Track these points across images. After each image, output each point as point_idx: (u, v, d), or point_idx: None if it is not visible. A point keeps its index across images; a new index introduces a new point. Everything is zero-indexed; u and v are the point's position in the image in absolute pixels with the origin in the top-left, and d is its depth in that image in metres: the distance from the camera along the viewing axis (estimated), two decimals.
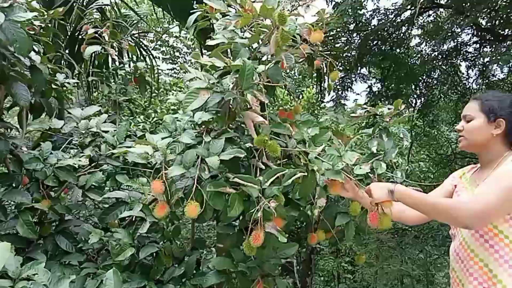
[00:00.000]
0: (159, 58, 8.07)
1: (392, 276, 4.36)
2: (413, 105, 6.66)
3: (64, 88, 2.15)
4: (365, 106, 1.95)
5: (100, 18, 3.94)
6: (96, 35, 2.37)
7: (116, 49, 3.01)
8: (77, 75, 3.37)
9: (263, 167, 1.47)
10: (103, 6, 3.54)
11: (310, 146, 1.55)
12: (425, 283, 4.33)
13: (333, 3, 5.51)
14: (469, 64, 6.24)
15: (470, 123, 1.52)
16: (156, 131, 1.69)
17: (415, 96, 6.53)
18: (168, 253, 1.69)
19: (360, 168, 1.60)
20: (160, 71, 6.47)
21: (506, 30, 5.33)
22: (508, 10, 4.90)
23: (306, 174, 1.43)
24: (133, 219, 1.66)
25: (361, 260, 2.09)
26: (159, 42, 8.15)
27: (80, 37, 4.02)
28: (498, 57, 4.89)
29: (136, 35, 4.77)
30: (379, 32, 5.68)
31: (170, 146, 1.50)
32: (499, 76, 6.18)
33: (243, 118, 1.49)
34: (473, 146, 1.53)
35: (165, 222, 1.66)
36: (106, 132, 1.96)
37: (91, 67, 3.39)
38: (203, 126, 1.59)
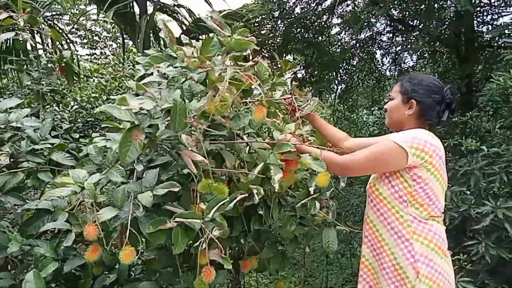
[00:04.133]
0: (76, 42, 7.56)
1: (319, 252, 4.62)
2: (335, 90, 7.00)
3: None
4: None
5: None
6: (12, 19, 2.15)
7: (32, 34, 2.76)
8: None
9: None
10: None
11: (249, 129, 1.51)
12: (348, 256, 4.65)
13: None
14: (384, 52, 6.70)
15: (390, 103, 1.69)
16: (82, 163, 1.53)
17: (337, 82, 6.87)
18: (98, 263, 1.59)
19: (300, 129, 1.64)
20: (78, 56, 6.09)
21: (415, 21, 5.79)
22: (416, 3, 5.32)
23: (247, 194, 1.36)
24: (57, 230, 1.51)
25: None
26: (76, 26, 7.62)
27: None
28: (408, 46, 5.32)
29: (50, 18, 4.43)
30: (302, 20, 5.86)
31: (98, 184, 1.36)
32: (409, 63, 6.72)
33: (181, 156, 1.36)
34: (392, 124, 1.69)
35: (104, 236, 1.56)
36: (28, 127, 1.78)
37: None
38: None
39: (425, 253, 1.49)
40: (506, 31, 4.73)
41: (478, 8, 5.28)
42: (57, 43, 3.37)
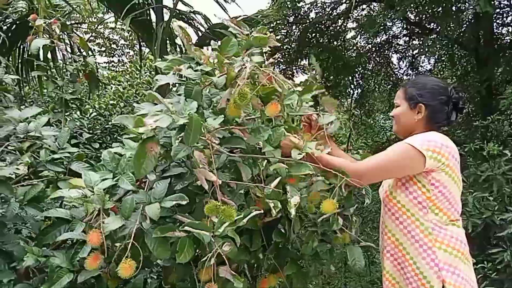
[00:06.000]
0: (95, 50, 7.71)
1: (336, 259, 4.57)
2: (351, 95, 6.95)
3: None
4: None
5: (27, 7, 3.69)
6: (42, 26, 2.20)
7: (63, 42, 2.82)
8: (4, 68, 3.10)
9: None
10: None
11: (266, 147, 1.44)
12: (367, 263, 4.59)
13: None
14: (400, 56, 6.63)
15: (397, 110, 1.65)
16: (97, 168, 1.51)
17: (352, 86, 6.82)
18: (114, 276, 1.52)
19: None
20: (97, 64, 6.20)
21: (432, 24, 5.72)
22: (433, 6, 5.26)
23: (262, 211, 1.32)
24: (74, 241, 1.48)
25: None
26: (94, 34, 7.77)
27: (4, 27, 3.74)
28: (426, 49, 5.25)
29: (70, 27, 4.53)
30: (317, 25, 5.84)
31: (112, 189, 1.35)
32: (426, 67, 6.63)
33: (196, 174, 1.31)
34: (402, 130, 1.65)
35: (110, 243, 1.46)
36: (47, 136, 1.77)
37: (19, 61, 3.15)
38: None
39: (449, 261, 1.45)
40: None
41: (498, 10, 5.19)
42: (78, 51, 3.43)
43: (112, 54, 8.29)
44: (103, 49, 8.14)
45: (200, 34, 4.43)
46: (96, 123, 4.26)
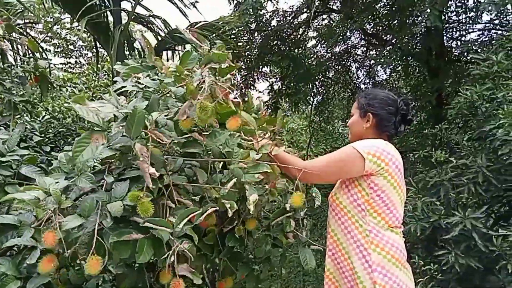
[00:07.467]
0: (50, 51, 7.42)
1: (295, 263, 4.62)
2: (311, 102, 7.09)
3: None
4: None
5: None
6: None
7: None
8: None
9: (173, 205, 1.35)
10: None
11: (225, 148, 1.49)
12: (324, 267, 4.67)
13: (235, 2, 5.63)
14: (358, 66, 6.86)
15: (351, 119, 1.75)
16: (51, 171, 1.50)
17: (313, 94, 6.96)
18: (64, 282, 1.52)
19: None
20: (52, 65, 5.95)
21: (388, 36, 5.97)
22: (389, 18, 5.49)
23: (217, 208, 1.37)
24: (22, 247, 1.42)
25: None
26: (50, 34, 7.48)
27: None
28: (382, 60, 5.47)
29: (22, 26, 4.34)
30: (278, 33, 5.93)
31: (66, 190, 1.34)
32: (382, 76, 6.89)
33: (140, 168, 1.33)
34: (354, 138, 1.72)
35: (61, 248, 1.41)
36: None
37: None
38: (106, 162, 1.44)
39: (382, 263, 1.50)
40: (474, 47, 4.93)
41: (447, 25, 5.48)
42: (30, 53, 3.30)
43: (69, 55, 8.01)
44: (59, 49, 7.84)
45: (159, 38, 4.37)
46: (49, 126, 4.09)
